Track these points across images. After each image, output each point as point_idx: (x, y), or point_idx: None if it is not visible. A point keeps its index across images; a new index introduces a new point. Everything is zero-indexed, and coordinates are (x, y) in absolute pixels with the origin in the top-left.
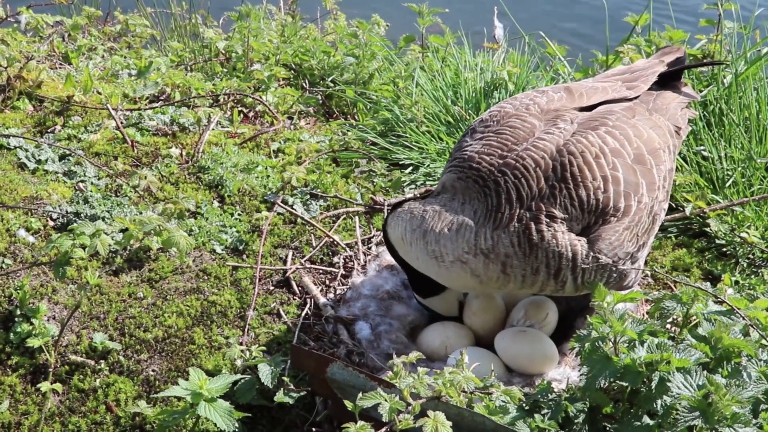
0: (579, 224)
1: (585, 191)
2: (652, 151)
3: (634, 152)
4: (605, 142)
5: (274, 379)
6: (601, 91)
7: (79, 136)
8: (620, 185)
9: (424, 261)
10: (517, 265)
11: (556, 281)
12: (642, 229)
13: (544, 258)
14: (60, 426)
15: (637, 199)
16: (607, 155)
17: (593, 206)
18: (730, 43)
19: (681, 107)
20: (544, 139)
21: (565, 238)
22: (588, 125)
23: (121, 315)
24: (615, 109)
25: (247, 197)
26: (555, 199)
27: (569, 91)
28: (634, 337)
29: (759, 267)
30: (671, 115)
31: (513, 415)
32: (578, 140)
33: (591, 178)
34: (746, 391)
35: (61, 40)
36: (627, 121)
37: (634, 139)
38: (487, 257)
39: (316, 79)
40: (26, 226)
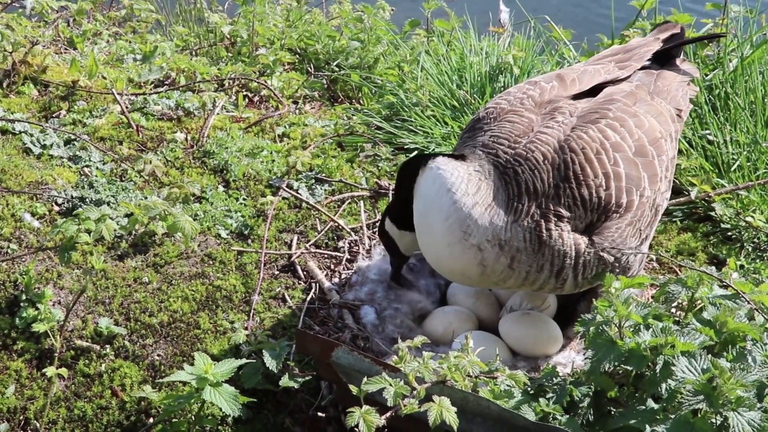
0: (582, 222)
1: (587, 189)
2: (653, 142)
3: (635, 144)
4: (606, 136)
5: (279, 364)
6: (593, 74)
7: (84, 120)
8: (622, 181)
9: (444, 231)
10: (524, 261)
11: (557, 280)
12: (645, 223)
13: (550, 256)
14: (65, 411)
15: (639, 193)
16: (608, 150)
17: (596, 204)
18: (736, 26)
19: (682, 87)
20: (545, 133)
21: (570, 237)
22: (588, 118)
23: (127, 300)
24: (616, 96)
25: (252, 182)
26: (560, 198)
27: (561, 78)
28: (639, 321)
29: (764, 251)
30: (672, 96)
31: (518, 399)
32: (579, 136)
33: (593, 175)
34: (751, 375)
35: (66, 25)
36: (628, 110)
37: (635, 130)
38: (502, 249)
39: (321, 64)
40: (31, 211)
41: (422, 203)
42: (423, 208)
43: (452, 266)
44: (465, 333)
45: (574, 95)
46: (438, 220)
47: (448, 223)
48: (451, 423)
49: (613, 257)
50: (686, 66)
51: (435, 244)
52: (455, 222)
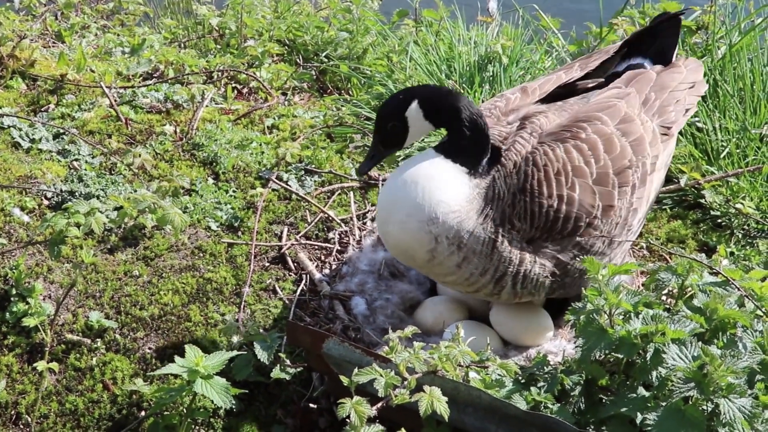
0: (528, 236)
1: (538, 207)
2: (618, 171)
3: (599, 171)
4: (570, 158)
5: (270, 356)
6: (556, 81)
7: (73, 114)
8: (573, 206)
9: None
10: (473, 263)
11: (495, 286)
12: (591, 250)
13: (496, 262)
14: (57, 405)
15: (587, 221)
16: (568, 174)
17: (542, 222)
18: (724, 13)
19: (677, 98)
20: (518, 142)
21: (518, 247)
22: (558, 136)
23: (117, 293)
24: (600, 114)
25: (241, 174)
26: (514, 207)
27: (524, 90)
28: (630, 309)
29: (754, 238)
30: (663, 109)
31: (509, 388)
32: (545, 152)
33: (547, 194)
34: (741, 362)
35: (54, 18)
36: (603, 132)
37: (603, 155)
38: (459, 249)
39: (310, 55)
40: (21, 205)
41: (412, 169)
42: (409, 174)
43: (399, 240)
44: (456, 323)
45: (544, 98)
46: (413, 195)
47: (420, 205)
48: (442, 413)
49: (549, 277)
50: (691, 64)
51: (395, 209)
52: (428, 209)
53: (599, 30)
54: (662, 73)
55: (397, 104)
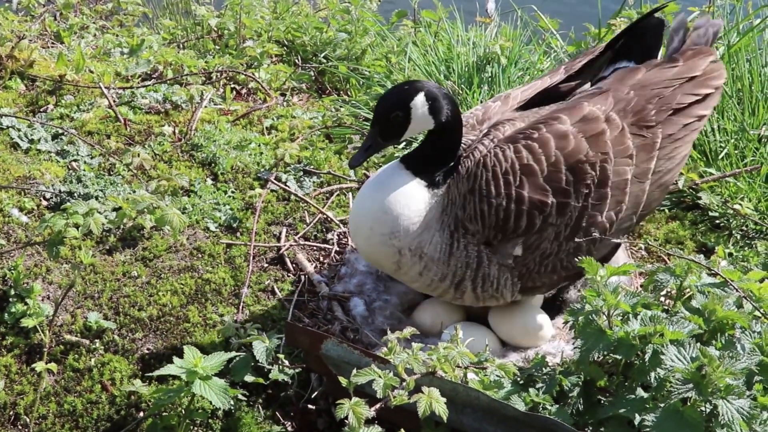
0: (482, 237)
1: (488, 207)
2: (572, 166)
3: (549, 169)
4: (519, 157)
5: (269, 357)
6: (537, 87)
7: (72, 115)
8: (524, 204)
9: (374, 220)
10: (433, 270)
11: (456, 290)
12: (553, 247)
13: (454, 267)
14: (55, 406)
15: (542, 218)
16: (516, 173)
17: (492, 222)
18: (723, 14)
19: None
20: (477, 149)
21: (474, 250)
22: (512, 139)
23: (116, 294)
24: (559, 115)
25: (240, 174)
26: (465, 210)
27: (506, 98)
28: (628, 310)
29: (752, 239)
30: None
31: (508, 389)
32: (495, 153)
33: (495, 194)
34: (740, 363)
35: (53, 19)
36: (557, 130)
37: (554, 152)
38: (420, 259)
39: (309, 56)
40: (19, 205)
41: (375, 183)
42: (372, 187)
43: (368, 251)
44: (454, 324)
45: (524, 105)
46: (376, 208)
47: (383, 218)
48: (440, 414)
49: (510, 275)
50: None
51: (361, 222)
52: (389, 223)
53: (598, 31)
54: (653, 69)
55: (403, 94)
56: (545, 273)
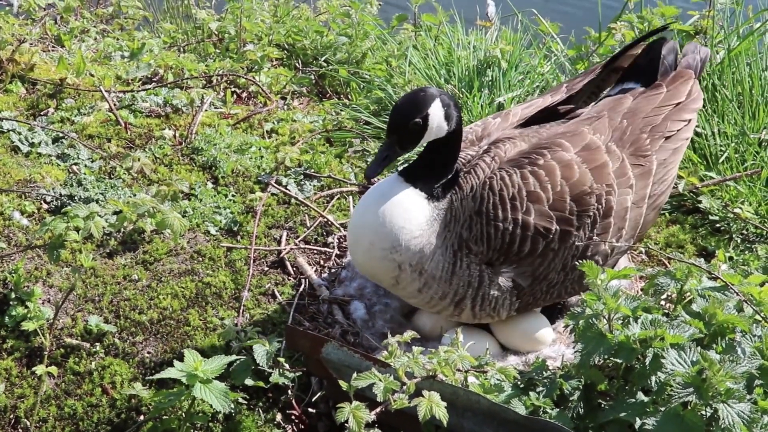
0: (485, 258)
1: (494, 230)
2: (577, 197)
3: (555, 197)
4: (526, 183)
5: (269, 360)
6: (538, 105)
7: (72, 118)
8: (529, 230)
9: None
10: (433, 288)
11: (456, 308)
12: (554, 271)
13: (456, 286)
14: (56, 409)
15: (545, 243)
16: (523, 199)
17: (497, 245)
18: (723, 18)
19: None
20: (479, 166)
21: (476, 270)
22: (517, 162)
23: (116, 297)
24: (562, 141)
25: (240, 178)
26: (470, 230)
27: (506, 115)
28: (628, 314)
29: (753, 242)
30: (637, 138)
31: (508, 393)
32: (501, 177)
33: (501, 218)
34: (740, 367)
35: (54, 22)
36: (562, 158)
37: (560, 181)
38: (420, 275)
39: (309, 59)
40: (20, 209)
41: (374, 196)
42: (372, 200)
43: (366, 265)
44: (454, 328)
45: (523, 123)
46: (376, 222)
47: (383, 231)
48: (440, 417)
49: (509, 296)
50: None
51: (360, 236)
52: (390, 236)
53: (598, 35)
54: (639, 97)
55: (420, 101)
56: (549, 299)
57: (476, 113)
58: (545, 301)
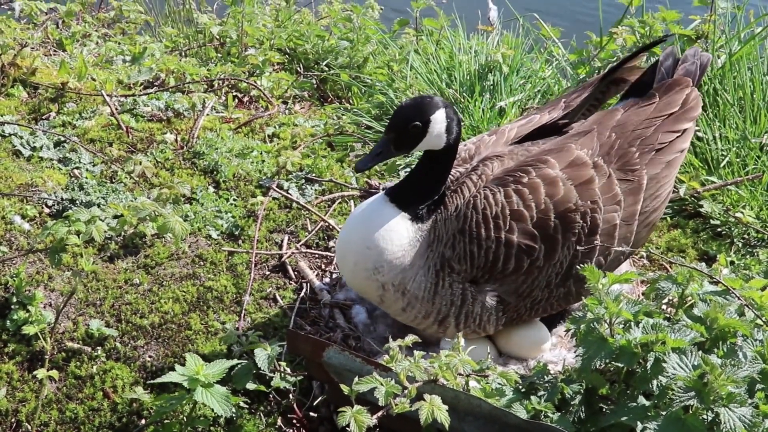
0: (468, 276)
1: (477, 248)
2: (562, 214)
3: (539, 215)
4: (510, 201)
5: (270, 364)
6: (536, 122)
7: (74, 122)
8: (512, 248)
9: (359, 255)
10: (416, 308)
11: (440, 326)
12: (544, 294)
13: (439, 305)
14: (57, 413)
15: (529, 261)
16: (506, 218)
17: (481, 263)
18: (724, 23)
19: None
20: (465, 184)
21: (459, 288)
22: (501, 180)
23: (118, 301)
24: (547, 158)
25: (242, 182)
26: (454, 249)
27: (501, 133)
28: (630, 318)
29: (754, 247)
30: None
31: (509, 397)
32: (485, 195)
33: (485, 236)
34: (742, 371)
35: (55, 26)
36: (547, 175)
37: (544, 199)
38: (403, 295)
39: (311, 64)
40: (22, 213)
41: (359, 217)
42: (357, 221)
43: (352, 284)
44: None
45: (519, 140)
46: (360, 243)
47: (366, 253)
48: (442, 421)
49: (494, 312)
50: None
51: (346, 256)
52: (373, 258)
53: (599, 39)
54: (630, 109)
55: (425, 106)
56: (535, 314)
57: (477, 117)
58: (530, 316)
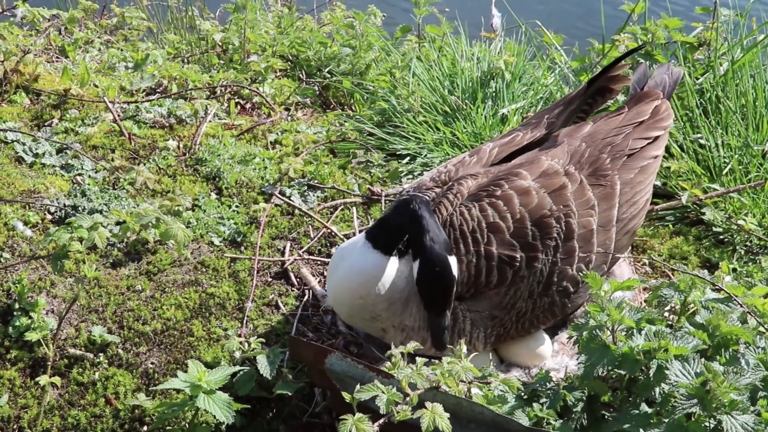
0: (456, 293)
1: (458, 263)
2: (538, 221)
3: (515, 225)
4: (485, 215)
5: (272, 371)
6: (516, 142)
7: (77, 129)
8: (493, 260)
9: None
10: (414, 337)
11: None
12: (528, 305)
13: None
14: (59, 419)
15: (512, 271)
16: (483, 231)
17: (464, 278)
18: (726, 30)
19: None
20: (441, 204)
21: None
22: (475, 196)
23: (120, 308)
24: (519, 170)
25: (244, 189)
26: None
27: (482, 152)
28: (632, 326)
29: (756, 254)
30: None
31: (511, 404)
32: (461, 212)
33: (464, 251)
34: (744, 378)
35: (58, 33)
36: (519, 186)
37: (519, 209)
38: (403, 331)
39: (313, 70)
40: (24, 219)
41: (351, 268)
42: (349, 269)
43: (353, 324)
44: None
45: (501, 161)
46: (354, 295)
47: (362, 303)
48: (444, 429)
49: (483, 328)
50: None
51: (341, 303)
52: (368, 307)
53: (602, 46)
54: (599, 121)
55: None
56: (522, 329)
57: (480, 125)
58: (518, 331)
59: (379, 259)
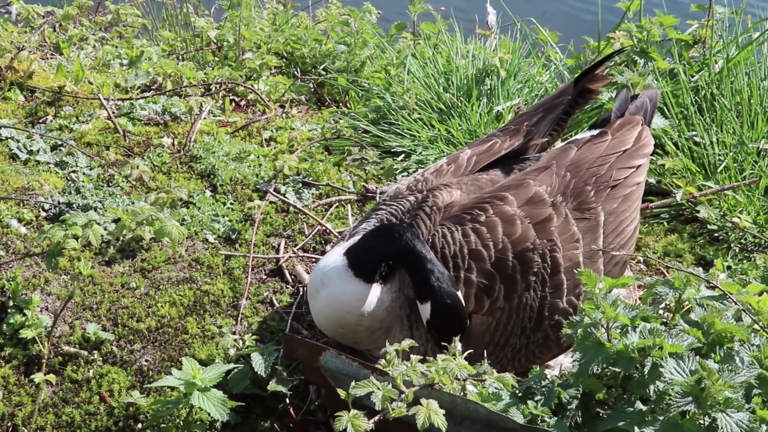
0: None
1: None
2: (519, 254)
3: (497, 255)
4: (468, 241)
5: (267, 368)
6: (495, 151)
7: (71, 126)
8: (472, 287)
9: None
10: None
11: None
12: (522, 341)
13: (417, 345)
14: (53, 417)
15: (491, 300)
16: (465, 257)
17: None
18: (722, 27)
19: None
20: (418, 217)
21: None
22: (459, 219)
23: (114, 305)
24: (506, 194)
25: (239, 186)
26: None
27: (461, 161)
28: (627, 323)
29: (751, 252)
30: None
31: (506, 401)
32: (443, 234)
33: None
34: (739, 376)
35: (52, 30)
36: (504, 213)
37: (502, 238)
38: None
39: (308, 68)
40: (18, 216)
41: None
42: (329, 298)
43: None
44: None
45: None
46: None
47: (345, 333)
48: (439, 426)
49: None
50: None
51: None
52: (350, 336)
53: (597, 44)
54: (584, 146)
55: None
56: (519, 365)
57: (474, 122)
58: (515, 367)
59: (360, 288)
